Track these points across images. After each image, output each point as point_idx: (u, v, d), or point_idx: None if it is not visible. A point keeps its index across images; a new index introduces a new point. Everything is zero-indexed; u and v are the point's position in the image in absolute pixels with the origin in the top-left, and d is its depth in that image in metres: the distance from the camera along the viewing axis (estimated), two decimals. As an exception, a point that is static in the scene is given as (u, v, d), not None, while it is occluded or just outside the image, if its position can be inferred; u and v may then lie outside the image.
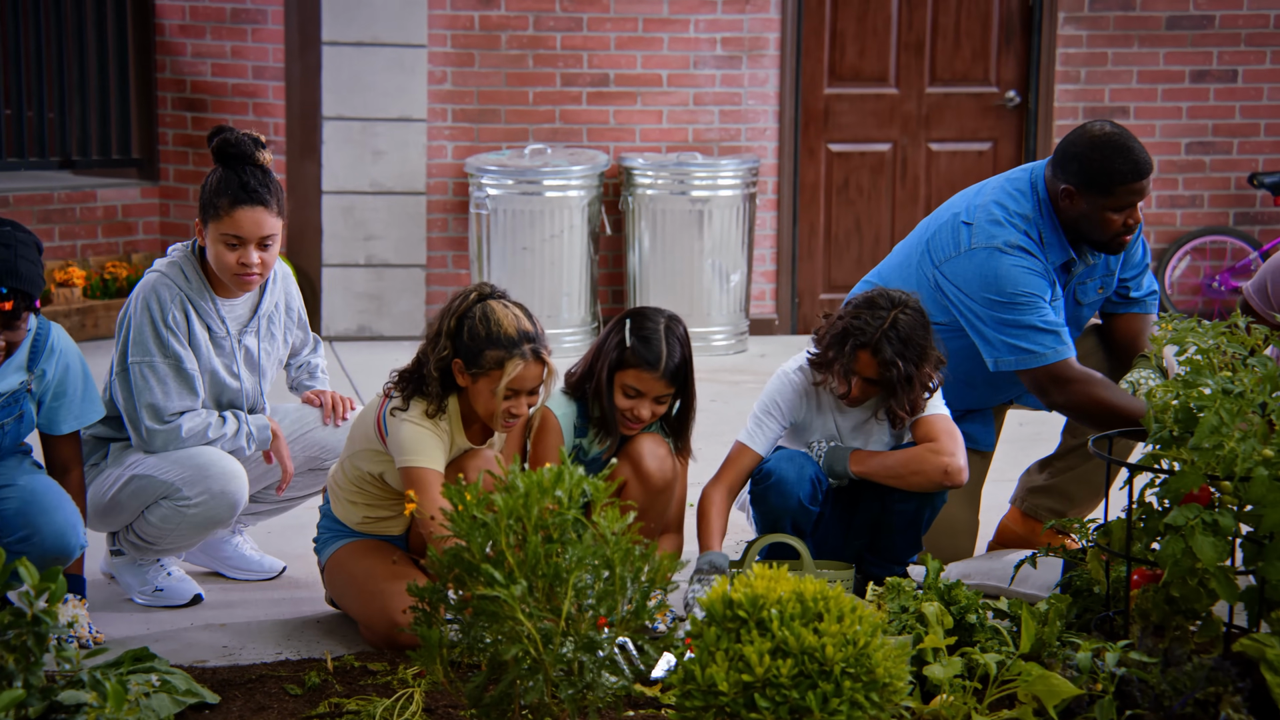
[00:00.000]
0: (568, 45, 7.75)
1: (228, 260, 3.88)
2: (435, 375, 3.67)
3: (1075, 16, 7.97)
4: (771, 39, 7.85)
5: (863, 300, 3.98)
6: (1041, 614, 3.41)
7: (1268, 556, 3.13)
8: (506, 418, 3.69)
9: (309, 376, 4.30)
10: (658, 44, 7.80)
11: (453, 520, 3.07)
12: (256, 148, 3.91)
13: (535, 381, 3.68)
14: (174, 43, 7.89)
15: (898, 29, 7.97)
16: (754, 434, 4.07)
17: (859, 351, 3.91)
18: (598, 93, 7.79)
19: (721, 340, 7.59)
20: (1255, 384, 3.25)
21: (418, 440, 3.65)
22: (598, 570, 2.99)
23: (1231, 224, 8.18)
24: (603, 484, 3.06)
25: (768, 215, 7.96)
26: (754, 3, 7.81)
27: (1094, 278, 4.25)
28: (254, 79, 7.73)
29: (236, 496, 3.91)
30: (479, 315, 3.66)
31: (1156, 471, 3.32)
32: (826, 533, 4.13)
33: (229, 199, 3.85)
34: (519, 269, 7.39)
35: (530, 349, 3.65)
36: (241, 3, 7.71)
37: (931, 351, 3.95)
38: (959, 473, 3.94)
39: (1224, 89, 8.08)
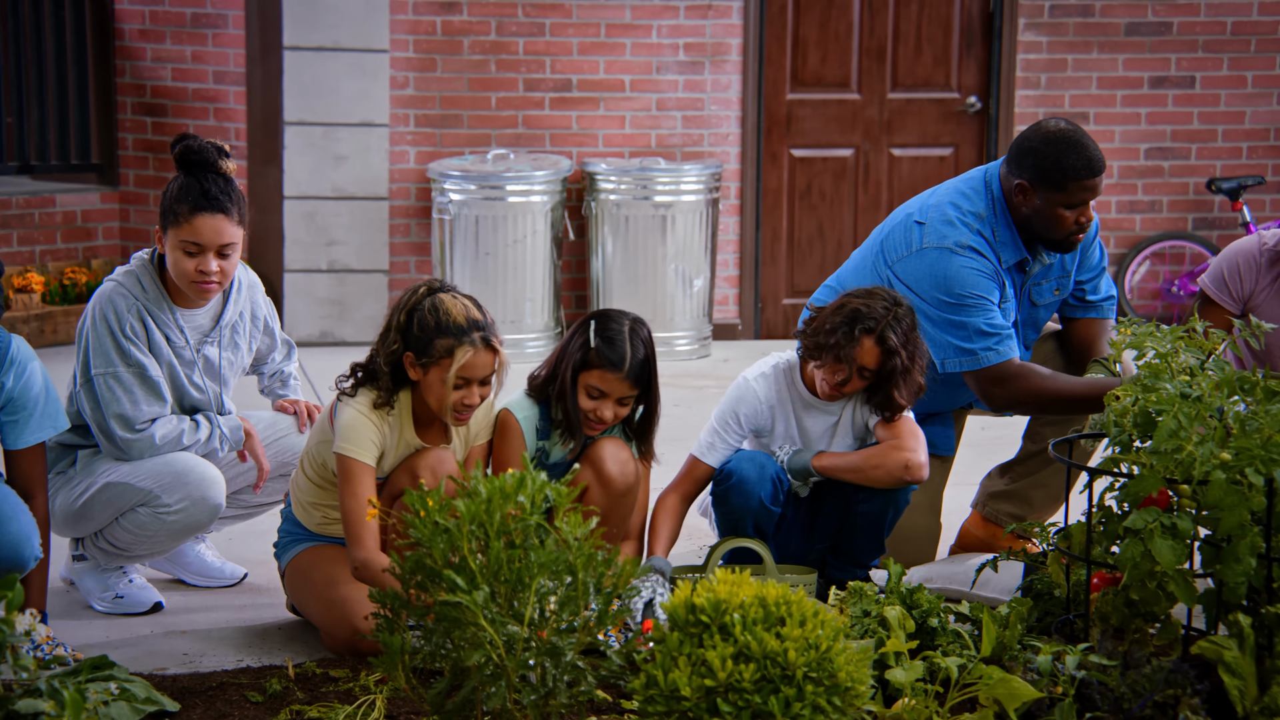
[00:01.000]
0: (530, 50, 7.75)
1: (186, 268, 3.86)
2: (386, 370, 3.67)
3: (1035, 22, 8.02)
4: (734, 44, 7.86)
5: (865, 292, 3.99)
6: (1002, 618, 3.43)
7: (1225, 559, 3.16)
8: (459, 408, 3.69)
9: (281, 385, 4.28)
10: (620, 49, 7.80)
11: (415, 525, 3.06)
12: (220, 156, 3.89)
13: (486, 370, 3.68)
14: (134, 47, 7.85)
15: (859, 35, 8.00)
16: (707, 449, 4.08)
17: (864, 337, 3.91)
18: (560, 98, 7.79)
19: (685, 345, 7.59)
20: (1213, 388, 3.27)
21: (353, 428, 3.65)
22: (560, 576, 2.99)
23: (1190, 229, 8.24)
24: (565, 489, 3.06)
25: (731, 220, 7.98)
26: (716, 8, 7.83)
27: (1049, 279, 4.27)
28: (215, 84, 7.70)
29: (216, 501, 3.90)
30: (428, 307, 3.67)
31: (1116, 475, 3.34)
32: (789, 537, 4.14)
33: (189, 206, 3.83)
34: (482, 274, 7.38)
35: (480, 336, 3.66)
36: (202, 7, 7.67)
37: (920, 354, 3.97)
38: (920, 468, 3.95)
39: (1182, 95, 8.14)
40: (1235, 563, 3.14)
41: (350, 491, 3.65)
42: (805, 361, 4.04)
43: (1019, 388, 4.07)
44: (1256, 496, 3.14)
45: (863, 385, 3.98)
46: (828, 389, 4.00)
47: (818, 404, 4.07)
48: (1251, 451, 3.13)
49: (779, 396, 4.08)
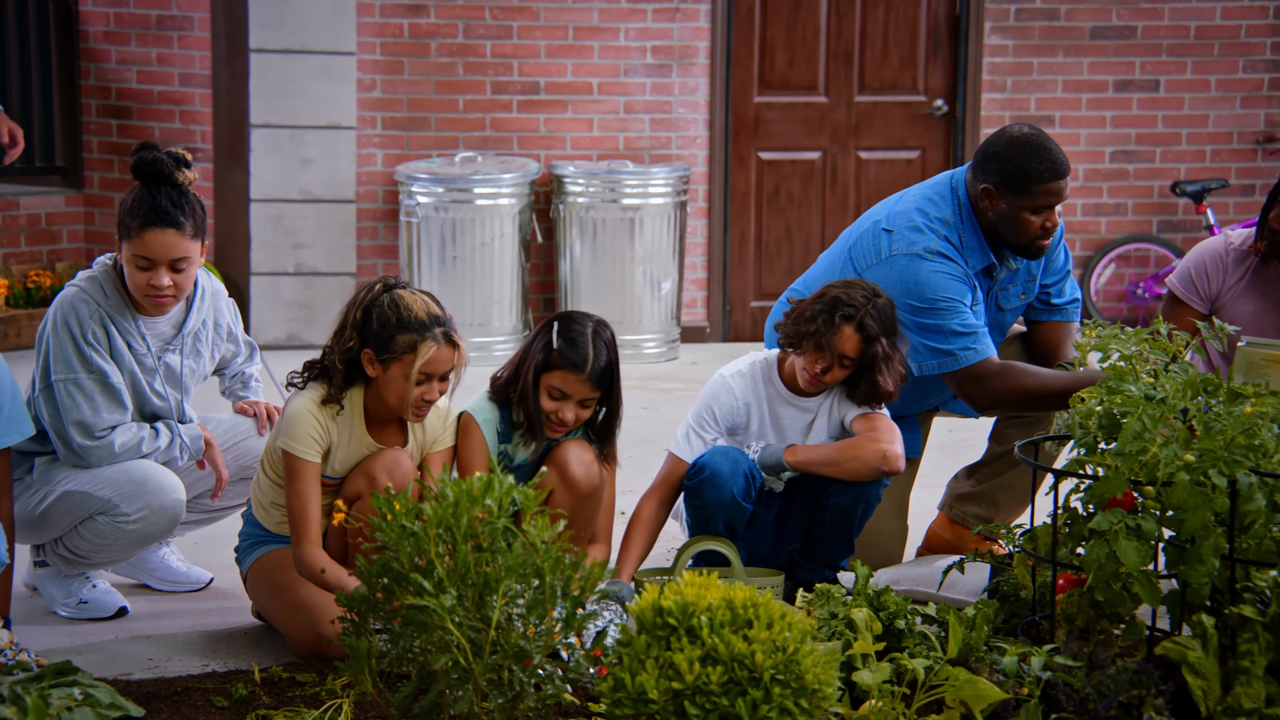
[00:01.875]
0: (498, 53, 7.74)
1: (139, 281, 3.83)
2: (340, 368, 3.66)
3: (1001, 26, 8.05)
4: (701, 48, 7.87)
5: (844, 282, 4.01)
6: (969, 619, 3.44)
7: (1189, 560, 3.17)
8: (419, 404, 3.68)
9: (242, 386, 4.26)
10: (588, 52, 7.80)
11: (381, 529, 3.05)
12: (177, 166, 3.84)
13: (447, 364, 3.68)
14: (98, 49, 7.80)
15: (826, 38, 8.02)
16: (685, 445, 4.08)
17: (845, 325, 3.92)
18: (528, 101, 7.78)
19: (653, 348, 7.60)
20: (1177, 390, 3.29)
21: (295, 422, 3.66)
22: (527, 579, 2.99)
23: (1155, 232, 8.28)
24: (533, 492, 3.06)
25: (699, 223, 7.99)
26: (684, 12, 7.84)
27: (1016, 283, 4.29)
28: (180, 86, 7.66)
29: (176, 511, 3.87)
30: (387, 303, 3.66)
31: (1081, 477, 3.36)
32: (758, 539, 4.14)
33: (140, 220, 3.79)
34: (450, 277, 7.37)
35: (441, 332, 3.65)
36: (167, 9, 7.64)
37: (904, 338, 3.99)
38: (897, 459, 3.97)
39: (1147, 98, 8.18)
40: (1199, 564, 3.16)
41: (292, 488, 3.66)
42: (785, 352, 4.05)
43: (1000, 385, 4.09)
44: (1220, 498, 3.15)
45: (844, 374, 3.99)
46: (808, 378, 4.00)
47: (795, 400, 4.08)
48: (1215, 453, 3.15)
49: (755, 393, 4.09)
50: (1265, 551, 3.23)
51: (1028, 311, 4.41)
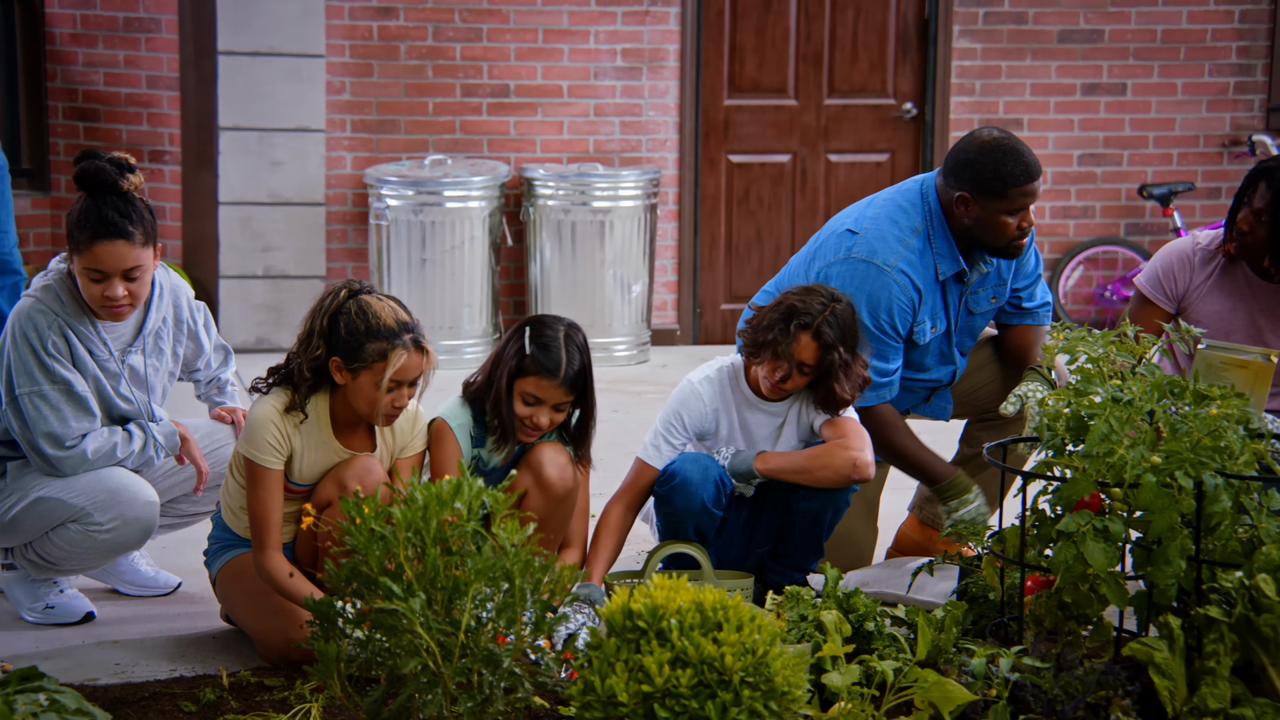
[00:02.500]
0: (467, 56, 7.73)
1: (94, 292, 3.80)
2: (308, 376, 3.64)
3: (970, 30, 8.09)
4: (671, 50, 7.88)
5: (803, 289, 4.01)
6: (938, 621, 3.45)
7: (1156, 561, 3.19)
8: (389, 410, 3.67)
9: (218, 392, 4.23)
10: (558, 55, 7.80)
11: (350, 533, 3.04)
12: (121, 174, 3.79)
13: (417, 371, 3.67)
14: (65, 51, 7.76)
15: (796, 41, 8.03)
16: (653, 452, 4.08)
17: (801, 333, 3.92)
18: (498, 103, 7.78)
19: (623, 351, 7.60)
20: (1144, 392, 3.31)
21: (256, 429, 3.64)
22: (497, 583, 2.99)
23: (1122, 234, 8.33)
24: (502, 495, 3.05)
25: (669, 226, 7.99)
26: (653, 15, 7.85)
27: (986, 287, 4.31)
28: (148, 88, 7.63)
29: (149, 521, 3.84)
30: (354, 310, 3.63)
31: (1049, 479, 3.37)
32: (728, 541, 4.15)
33: (89, 233, 3.75)
34: (420, 280, 7.35)
35: (411, 339, 3.64)
36: (135, 11, 7.60)
37: (860, 350, 3.99)
38: (867, 466, 3.97)
39: (1114, 102, 8.23)
40: (1165, 565, 3.18)
41: (253, 494, 3.65)
42: (748, 361, 4.06)
43: (872, 430, 4.11)
44: (1186, 499, 3.17)
45: (804, 382, 3.99)
46: (770, 386, 4.01)
47: (762, 405, 4.08)
48: (1181, 455, 3.17)
49: (723, 399, 4.09)
50: (1231, 553, 3.26)
51: (999, 315, 4.43)
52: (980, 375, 4.42)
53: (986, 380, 4.40)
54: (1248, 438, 3.26)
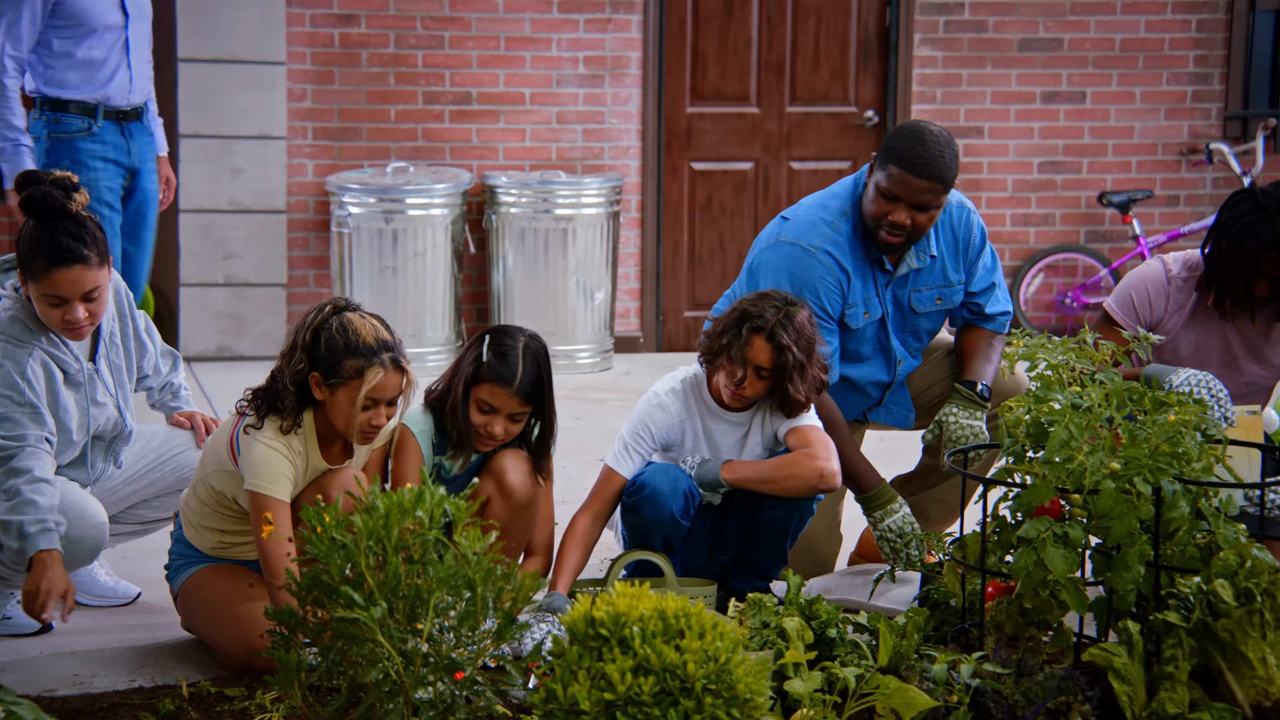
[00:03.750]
0: (429, 63, 7.72)
1: (53, 317, 3.77)
2: (291, 389, 3.62)
3: (931, 38, 8.12)
4: (634, 58, 7.89)
5: (757, 294, 4.03)
6: (900, 627, 3.46)
7: (1115, 567, 3.21)
8: (366, 429, 3.66)
9: (173, 397, 4.21)
10: (520, 62, 7.80)
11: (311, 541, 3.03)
12: (68, 196, 3.74)
13: (395, 391, 3.66)
14: (23, 58, 7.71)
15: (758, 49, 8.05)
16: (621, 458, 4.08)
17: (754, 336, 3.93)
18: (460, 111, 7.77)
19: (586, 358, 7.59)
20: (1103, 398, 3.33)
21: (267, 463, 3.60)
22: (459, 591, 2.98)
23: (1082, 242, 8.38)
24: (464, 504, 3.05)
25: (632, 233, 8.00)
26: (615, 22, 7.85)
27: (930, 287, 4.31)
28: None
29: (97, 541, 3.80)
30: (336, 326, 3.63)
31: (1009, 485, 3.39)
32: (693, 549, 4.15)
33: (44, 261, 3.71)
34: (382, 288, 7.34)
35: (389, 358, 3.62)
36: (94, 18, 7.56)
37: (817, 352, 4.00)
38: (833, 476, 3.99)
39: (1073, 110, 8.28)
40: (1124, 570, 3.20)
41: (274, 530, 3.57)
42: (708, 370, 4.07)
43: None
44: (1145, 505, 3.19)
45: (763, 387, 4.00)
46: (730, 394, 4.02)
47: (726, 415, 4.09)
48: (1140, 461, 3.19)
49: (688, 409, 4.10)
50: (1189, 558, 3.28)
51: (954, 319, 4.43)
52: (936, 385, 4.43)
53: (941, 392, 4.42)
54: (1205, 444, 3.28)
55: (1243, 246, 4.10)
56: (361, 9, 7.59)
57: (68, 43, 5.43)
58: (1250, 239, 4.09)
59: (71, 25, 5.43)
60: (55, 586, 3.60)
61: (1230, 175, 8.28)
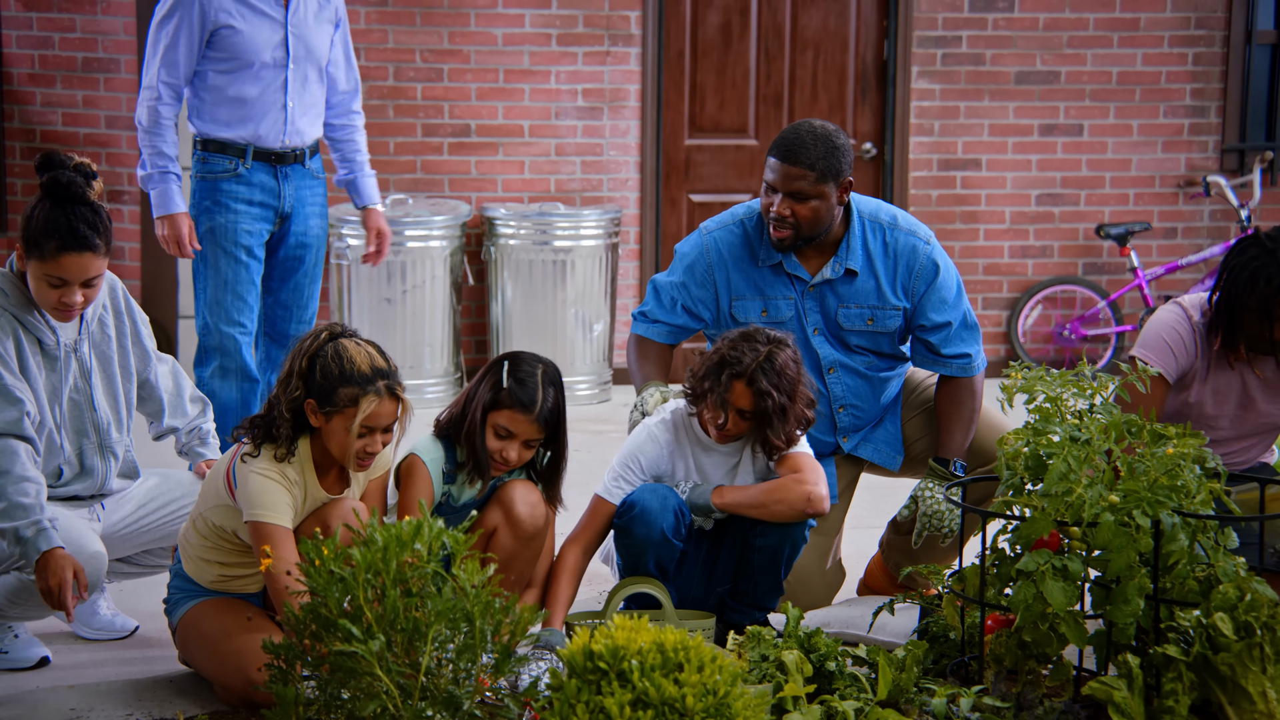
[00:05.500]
0: (428, 96, 7.74)
1: (49, 297, 3.81)
2: (287, 416, 3.62)
3: (928, 71, 8.16)
4: (632, 90, 7.92)
5: (739, 335, 4.04)
6: (899, 661, 3.45)
7: (1114, 600, 3.20)
8: (362, 456, 3.66)
9: (200, 443, 4.19)
10: (519, 95, 7.82)
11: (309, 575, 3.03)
12: (89, 184, 3.81)
13: (390, 418, 3.66)
14: (22, 91, 7.73)
15: (756, 82, 8.08)
16: (611, 489, 4.08)
17: (734, 381, 3.95)
18: (459, 143, 7.79)
19: (585, 390, 7.60)
20: (1101, 431, 3.33)
21: (264, 492, 3.59)
22: (457, 624, 2.97)
23: (1080, 274, 8.39)
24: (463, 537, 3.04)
25: (630, 265, 8.01)
26: (614, 55, 7.88)
27: (860, 305, 4.30)
28: (106, 129, 7.61)
29: (94, 574, 3.78)
30: (331, 353, 3.63)
31: (1008, 518, 3.39)
32: (689, 580, 4.14)
33: (56, 243, 3.75)
34: (381, 320, 7.34)
35: (384, 385, 3.63)
36: (94, 52, 7.58)
37: (802, 389, 4.01)
38: (821, 500, 3.99)
39: (1071, 142, 8.30)
40: (1124, 604, 3.19)
41: (277, 558, 3.55)
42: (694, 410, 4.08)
43: None
44: (1144, 538, 3.19)
45: (747, 426, 4.01)
46: (715, 432, 4.03)
47: (716, 446, 4.09)
48: (1139, 494, 3.19)
49: (678, 441, 4.10)
50: (1188, 592, 3.27)
51: (916, 355, 4.38)
52: (922, 440, 4.42)
53: (925, 449, 4.41)
54: (1204, 477, 3.28)
55: (1254, 291, 4.09)
56: (360, 42, 7.61)
57: (222, 77, 5.07)
58: (1262, 283, 4.07)
59: (227, 59, 5.06)
60: (64, 576, 3.63)
61: (1228, 208, 8.31)
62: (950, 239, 8.10)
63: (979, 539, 3.46)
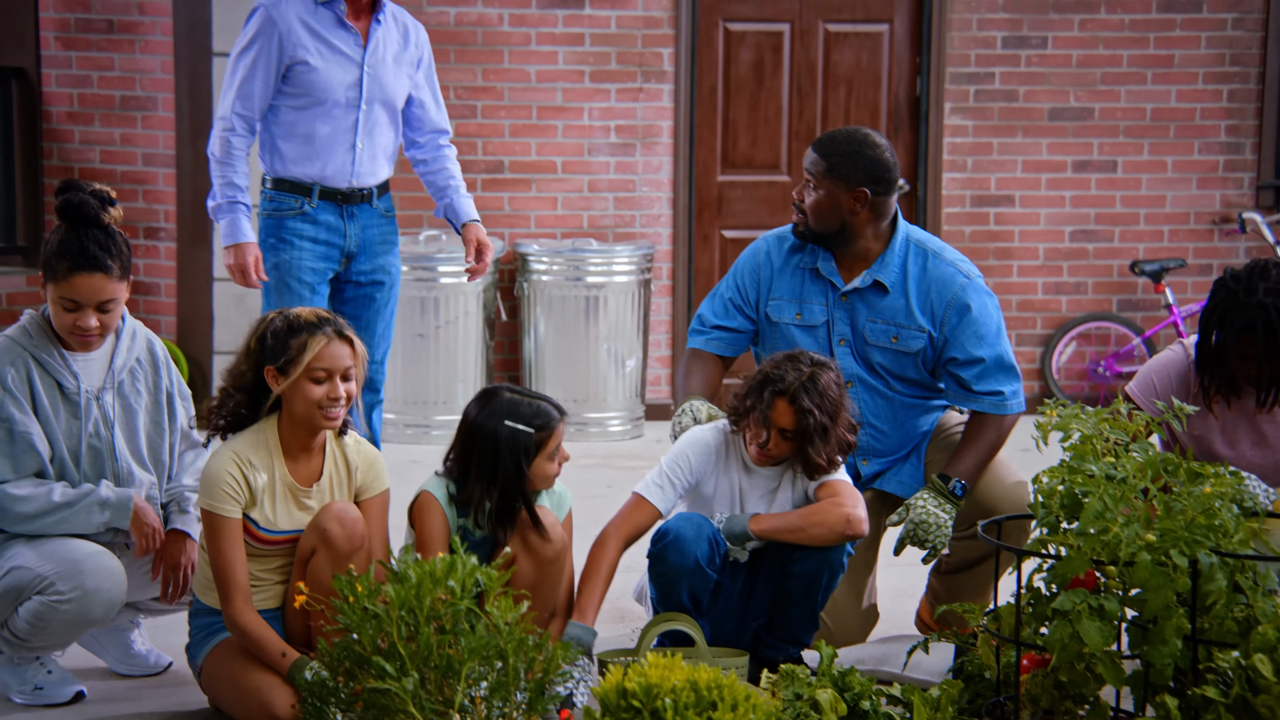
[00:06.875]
0: (462, 133, 7.78)
1: (65, 321, 3.85)
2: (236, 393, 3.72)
3: (961, 107, 8.16)
4: (665, 127, 7.94)
5: (784, 356, 4.07)
6: (933, 700, 3.43)
7: (1152, 641, 3.18)
8: (325, 404, 3.70)
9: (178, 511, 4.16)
10: (552, 131, 7.86)
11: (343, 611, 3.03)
12: (103, 207, 3.85)
13: (344, 360, 3.72)
14: (61, 130, 7.81)
15: (789, 118, 8.10)
16: (653, 488, 4.08)
17: (776, 399, 3.97)
18: (492, 179, 7.82)
19: (617, 426, 7.59)
20: (1137, 470, 3.31)
21: (212, 479, 3.67)
22: (491, 661, 2.97)
23: (1115, 310, 8.36)
24: (496, 574, 3.05)
25: (663, 301, 8.02)
26: (647, 92, 7.91)
27: (887, 321, 4.30)
28: (144, 166, 7.67)
29: (112, 595, 3.79)
30: (278, 320, 3.75)
31: (1044, 556, 3.37)
32: (723, 616, 4.13)
33: (68, 264, 3.80)
34: (414, 355, 7.36)
35: (332, 329, 3.72)
36: (131, 90, 7.65)
37: (844, 413, 4.01)
38: (860, 522, 3.99)
39: (1105, 179, 8.28)
40: (1161, 644, 3.16)
41: (215, 548, 3.66)
42: (735, 429, 4.09)
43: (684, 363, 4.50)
44: (1181, 578, 3.17)
45: (788, 447, 4.02)
46: (755, 453, 4.04)
47: (758, 470, 4.11)
48: (1175, 533, 3.17)
49: (724, 455, 4.12)
50: (1227, 632, 3.24)
51: (950, 390, 4.37)
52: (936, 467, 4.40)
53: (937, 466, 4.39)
54: (1241, 516, 3.26)
55: (1221, 333, 4.12)
56: (395, 79, 7.67)
57: (293, 114, 4.99)
58: (1225, 325, 4.10)
59: (300, 95, 4.97)
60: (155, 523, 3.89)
61: (1263, 244, 8.26)
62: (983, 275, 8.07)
63: (1014, 577, 3.44)
